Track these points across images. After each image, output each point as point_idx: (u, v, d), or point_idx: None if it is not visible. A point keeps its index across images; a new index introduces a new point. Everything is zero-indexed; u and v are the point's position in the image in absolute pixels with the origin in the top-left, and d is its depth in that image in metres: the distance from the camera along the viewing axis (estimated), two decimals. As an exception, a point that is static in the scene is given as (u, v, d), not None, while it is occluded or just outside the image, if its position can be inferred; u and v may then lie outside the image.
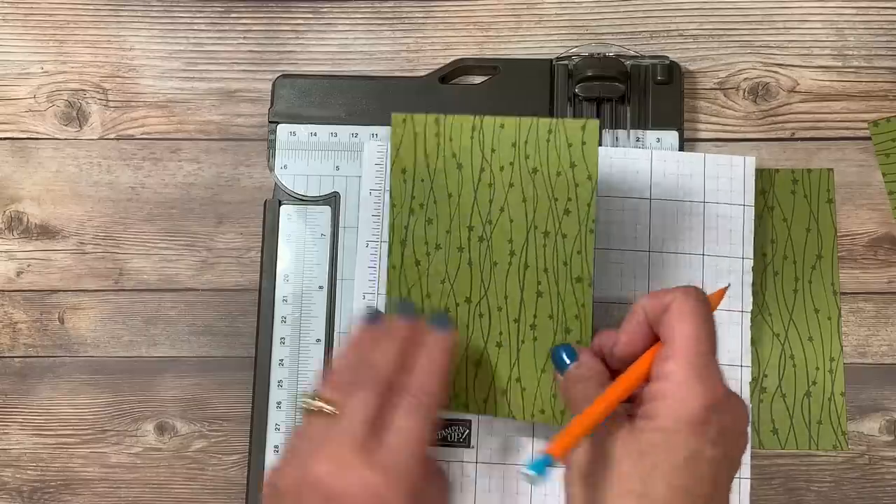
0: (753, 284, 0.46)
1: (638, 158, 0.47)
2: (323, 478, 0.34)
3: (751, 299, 0.46)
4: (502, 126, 0.42)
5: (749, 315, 0.46)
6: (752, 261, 0.46)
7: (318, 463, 0.34)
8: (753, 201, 0.47)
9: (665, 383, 0.35)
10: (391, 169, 0.42)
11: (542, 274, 0.41)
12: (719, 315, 0.45)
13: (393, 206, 0.43)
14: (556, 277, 0.41)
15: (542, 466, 0.34)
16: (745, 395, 0.45)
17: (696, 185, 0.47)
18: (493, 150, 0.42)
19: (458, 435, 0.46)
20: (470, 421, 0.46)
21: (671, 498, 0.33)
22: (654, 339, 0.38)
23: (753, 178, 0.47)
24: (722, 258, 0.46)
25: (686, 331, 0.35)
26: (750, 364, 0.46)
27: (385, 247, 0.46)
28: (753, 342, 0.47)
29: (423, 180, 0.42)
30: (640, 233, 0.47)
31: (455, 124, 0.42)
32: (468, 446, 0.46)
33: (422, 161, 0.42)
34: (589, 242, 0.41)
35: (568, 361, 0.40)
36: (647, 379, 0.36)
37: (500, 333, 0.42)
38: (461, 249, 0.42)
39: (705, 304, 0.36)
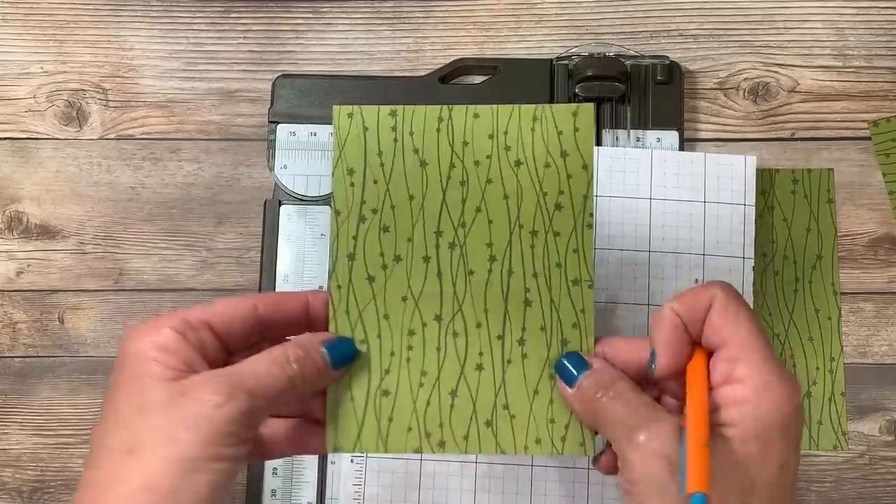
0: (754, 284, 0.46)
1: (638, 158, 0.47)
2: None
3: (752, 299, 0.46)
4: (476, 115, 0.37)
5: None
6: (752, 260, 0.46)
7: None
8: (754, 201, 0.47)
9: (741, 388, 0.32)
10: (333, 171, 0.36)
11: (531, 279, 0.36)
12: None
13: (337, 213, 0.36)
14: (549, 282, 0.36)
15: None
16: None
17: (697, 185, 0.47)
18: (465, 144, 0.37)
19: None
20: None
21: None
22: (693, 343, 0.34)
23: (754, 177, 0.47)
24: (722, 258, 0.46)
25: (745, 330, 0.33)
26: None
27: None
28: (753, 342, 0.47)
29: (375, 182, 0.36)
30: (640, 233, 0.46)
31: (417, 116, 0.37)
32: None
33: (374, 160, 0.36)
34: (587, 239, 0.36)
35: (576, 373, 0.35)
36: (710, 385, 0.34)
37: (481, 354, 0.36)
38: (427, 259, 0.36)
39: (743, 298, 0.34)
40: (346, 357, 0.35)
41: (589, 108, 0.37)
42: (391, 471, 0.46)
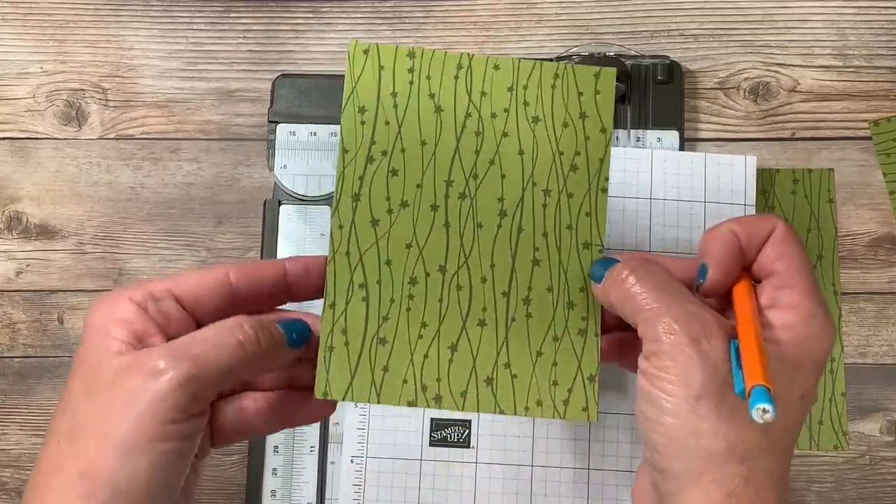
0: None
1: (638, 158, 0.47)
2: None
3: None
4: (496, 67, 0.36)
5: None
6: None
7: None
8: (755, 201, 0.47)
9: (789, 313, 0.32)
10: (344, 107, 0.35)
11: (541, 239, 0.35)
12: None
13: (345, 151, 0.35)
14: (559, 243, 0.35)
15: (764, 397, 0.28)
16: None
17: (697, 185, 0.47)
18: (483, 94, 0.36)
19: (457, 435, 0.46)
20: (469, 421, 0.46)
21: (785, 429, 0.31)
22: (743, 268, 0.34)
23: (755, 177, 0.47)
24: None
25: (801, 262, 0.32)
26: None
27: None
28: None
29: (387, 123, 0.35)
30: (640, 233, 0.46)
31: (436, 60, 0.36)
32: (468, 447, 0.46)
33: (388, 100, 0.35)
34: (601, 203, 0.36)
35: (604, 269, 0.34)
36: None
37: (485, 310, 0.35)
38: (435, 208, 0.35)
39: (794, 231, 0.34)
40: (301, 334, 0.33)
41: (612, 72, 0.36)
42: (391, 471, 0.46)
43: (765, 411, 0.28)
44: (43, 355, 0.49)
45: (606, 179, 0.36)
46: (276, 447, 0.47)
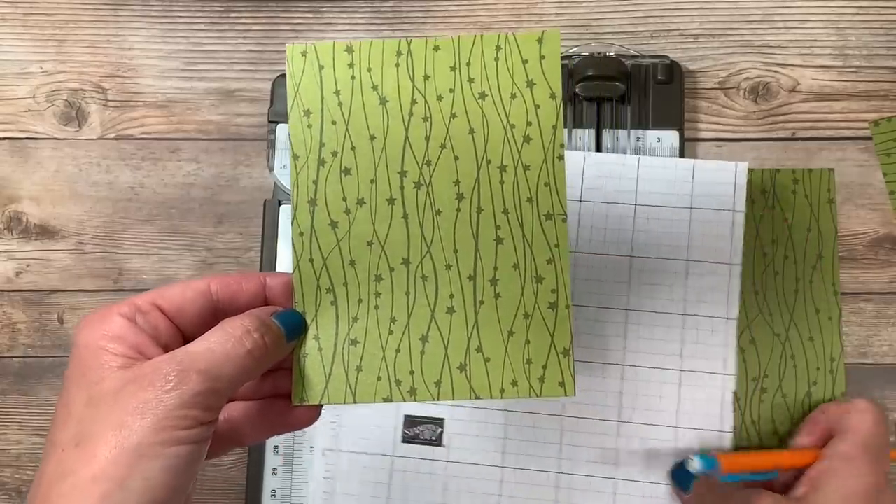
0: (754, 285, 0.46)
1: (625, 164, 0.47)
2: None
3: (737, 306, 0.46)
4: (436, 48, 0.35)
5: (734, 322, 0.45)
6: (740, 267, 0.46)
7: None
8: (744, 207, 0.46)
9: (835, 462, 0.37)
10: (290, 112, 0.35)
11: (501, 217, 0.35)
12: (702, 321, 0.45)
13: (295, 157, 0.35)
14: (520, 218, 0.35)
15: (710, 463, 0.37)
16: (728, 406, 0.45)
17: (684, 191, 0.46)
18: (426, 78, 0.35)
19: (429, 434, 0.46)
20: (443, 420, 0.46)
21: None
22: (826, 441, 0.42)
23: (745, 184, 0.46)
24: (706, 263, 0.46)
25: (864, 422, 0.39)
26: (735, 373, 0.45)
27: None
28: (754, 342, 0.47)
29: (334, 122, 0.35)
30: (623, 238, 0.46)
31: (374, 51, 0.35)
32: (439, 445, 0.46)
33: (332, 99, 0.35)
34: (559, 170, 0.35)
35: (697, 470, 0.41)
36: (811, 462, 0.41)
37: (452, 296, 0.35)
38: (391, 201, 0.35)
39: (882, 412, 0.41)
40: (297, 326, 0.34)
41: (555, 33, 0.35)
42: (363, 466, 0.46)
43: (690, 461, 0.40)
44: (43, 355, 0.49)
45: (562, 146, 0.35)
46: (275, 447, 0.47)
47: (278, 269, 0.48)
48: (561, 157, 0.35)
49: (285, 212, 0.48)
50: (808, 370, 0.47)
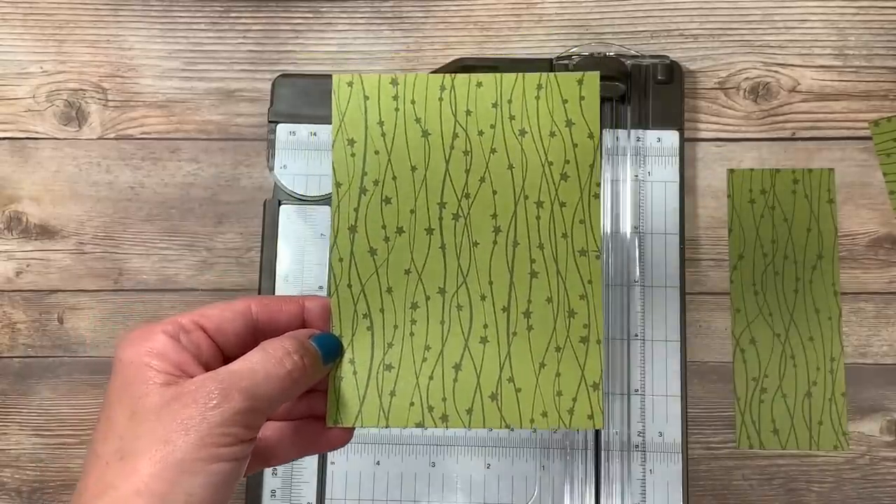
0: (755, 285, 0.46)
1: None
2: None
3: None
4: (479, 84, 0.36)
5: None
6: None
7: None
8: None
9: None
10: (334, 141, 0.36)
11: (537, 251, 0.36)
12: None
13: (338, 185, 0.36)
14: (555, 253, 0.36)
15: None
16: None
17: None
18: (468, 113, 0.36)
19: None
20: None
21: None
22: None
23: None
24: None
25: None
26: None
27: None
28: (754, 342, 0.47)
29: (377, 153, 0.36)
30: None
31: (419, 84, 0.36)
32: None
33: (375, 130, 0.36)
34: (594, 209, 0.36)
35: None
36: None
37: (486, 326, 0.36)
38: (430, 231, 0.36)
39: None
40: (334, 349, 0.35)
41: (595, 76, 0.36)
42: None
43: None
44: (43, 355, 0.49)
45: (598, 185, 0.36)
46: (276, 447, 0.47)
47: (278, 269, 0.48)
48: (596, 196, 0.36)
49: (285, 212, 0.48)
50: (808, 370, 0.47)
